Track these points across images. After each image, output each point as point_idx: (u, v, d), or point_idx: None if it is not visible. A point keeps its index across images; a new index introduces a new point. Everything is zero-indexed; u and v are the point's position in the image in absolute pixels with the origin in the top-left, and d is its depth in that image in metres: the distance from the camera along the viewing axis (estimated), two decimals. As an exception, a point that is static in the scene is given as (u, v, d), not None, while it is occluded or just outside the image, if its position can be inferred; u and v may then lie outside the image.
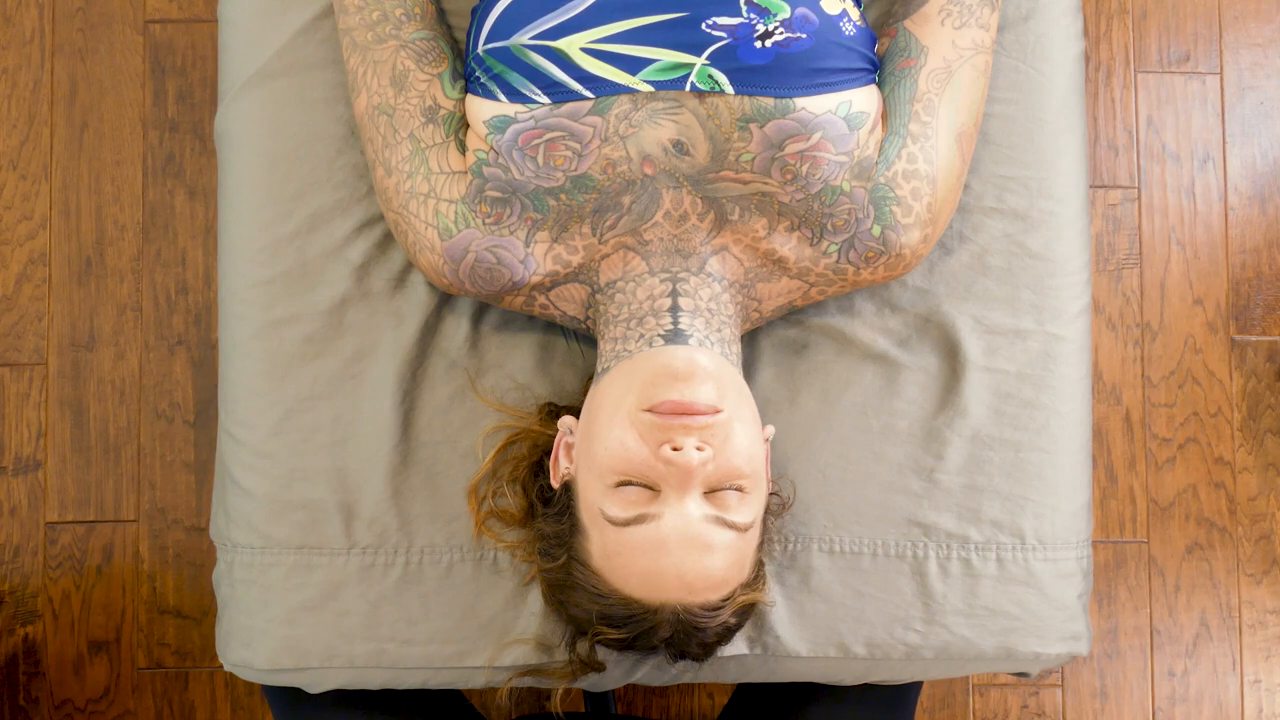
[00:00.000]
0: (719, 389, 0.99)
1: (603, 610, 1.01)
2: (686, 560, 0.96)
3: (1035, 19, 1.19)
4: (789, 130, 1.02)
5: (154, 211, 1.79)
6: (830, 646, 1.17)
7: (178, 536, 1.77)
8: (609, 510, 0.98)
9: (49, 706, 1.77)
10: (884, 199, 1.06)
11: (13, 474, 1.77)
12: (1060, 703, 1.82)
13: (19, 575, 1.78)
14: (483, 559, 1.16)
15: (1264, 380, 1.84)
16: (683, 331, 1.04)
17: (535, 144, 1.03)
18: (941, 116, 1.08)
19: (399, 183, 1.08)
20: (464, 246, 1.07)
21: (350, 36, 1.11)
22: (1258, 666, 1.83)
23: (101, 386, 1.78)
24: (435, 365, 1.18)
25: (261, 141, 1.18)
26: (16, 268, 1.78)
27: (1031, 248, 1.18)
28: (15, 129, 1.79)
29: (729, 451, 0.97)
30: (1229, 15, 1.87)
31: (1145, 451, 1.83)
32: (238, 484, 1.17)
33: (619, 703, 1.78)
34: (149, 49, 1.80)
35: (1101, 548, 1.82)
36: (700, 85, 1.01)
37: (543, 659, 1.15)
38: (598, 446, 0.99)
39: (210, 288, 1.79)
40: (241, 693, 1.78)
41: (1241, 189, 1.86)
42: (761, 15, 1.01)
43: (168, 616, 1.77)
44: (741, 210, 1.05)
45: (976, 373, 1.17)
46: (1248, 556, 1.83)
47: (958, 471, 1.17)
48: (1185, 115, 1.86)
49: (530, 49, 1.03)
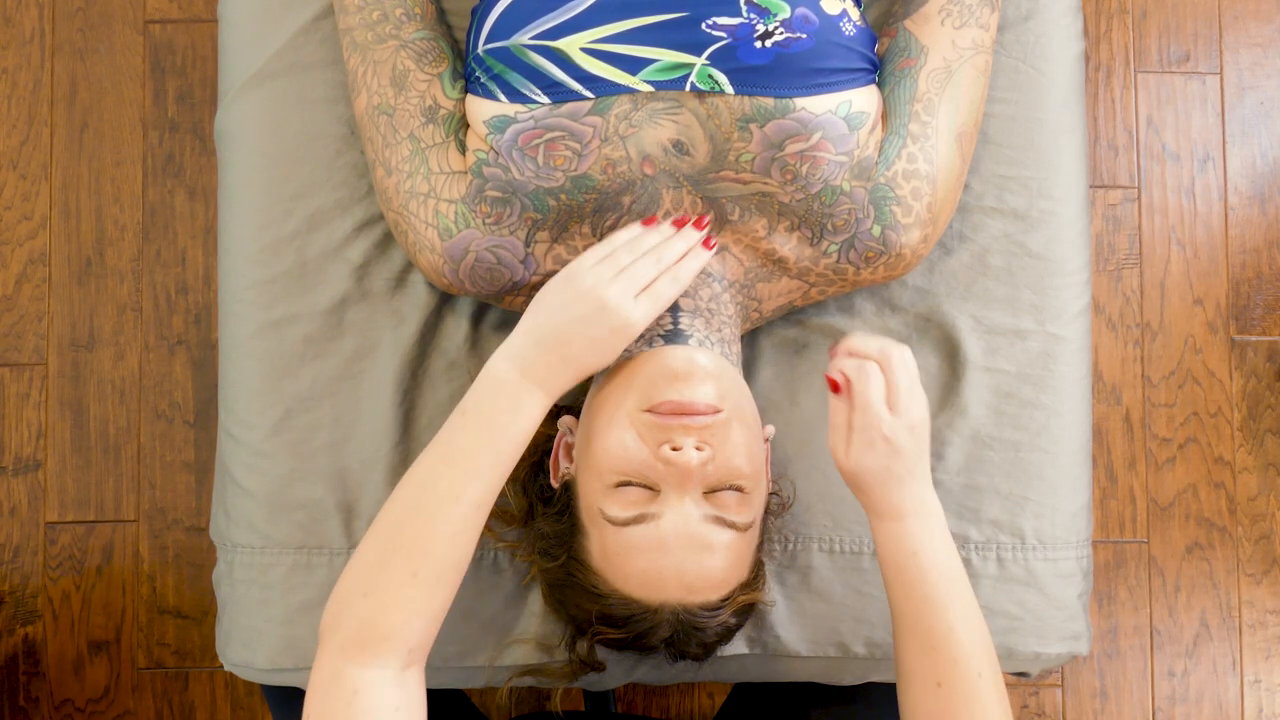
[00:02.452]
0: (719, 389, 0.99)
1: (602, 610, 1.01)
2: (686, 560, 0.96)
3: (1035, 19, 1.19)
4: (789, 130, 1.02)
5: (154, 211, 1.79)
6: (830, 646, 1.17)
7: (178, 536, 1.77)
8: (609, 510, 0.98)
9: (49, 706, 1.77)
10: (884, 199, 1.06)
11: (13, 474, 1.77)
12: (1060, 703, 1.82)
13: (19, 575, 1.78)
14: (483, 559, 1.16)
15: (1264, 380, 1.84)
16: (682, 331, 1.04)
17: (535, 144, 1.03)
18: (941, 116, 1.08)
19: (399, 183, 1.08)
20: (464, 247, 1.07)
21: (350, 36, 1.11)
22: (1258, 666, 1.83)
23: (101, 386, 1.78)
24: (435, 365, 1.18)
25: (261, 141, 1.18)
26: (16, 268, 1.78)
27: (1031, 247, 1.18)
28: (15, 129, 1.79)
29: (728, 451, 0.97)
30: (1229, 15, 1.87)
31: (1145, 451, 1.83)
32: (238, 484, 1.17)
33: (619, 702, 1.78)
34: (149, 49, 1.80)
35: (1101, 548, 1.82)
36: (700, 85, 1.01)
37: (543, 659, 1.15)
38: (597, 446, 0.99)
39: (210, 288, 1.79)
40: (241, 693, 1.78)
41: (1241, 189, 1.86)
42: (761, 15, 1.01)
43: (168, 616, 1.77)
44: (741, 210, 1.05)
45: (976, 373, 1.17)
46: (1248, 556, 1.83)
47: (958, 471, 1.17)
48: (1185, 115, 1.86)
49: (530, 49, 1.03)
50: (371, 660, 0.95)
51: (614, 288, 1.00)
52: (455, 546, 0.98)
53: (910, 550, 0.99)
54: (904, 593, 1.00)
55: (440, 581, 0.98)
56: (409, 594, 0.96)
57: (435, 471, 0.99)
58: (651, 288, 1.01)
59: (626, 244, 1.02)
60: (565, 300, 1.01)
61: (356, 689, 0.94)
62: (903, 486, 0.99)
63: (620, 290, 1.00)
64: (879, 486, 0.99)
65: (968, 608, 0.99)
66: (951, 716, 0.98)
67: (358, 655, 0.95)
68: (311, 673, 0.97)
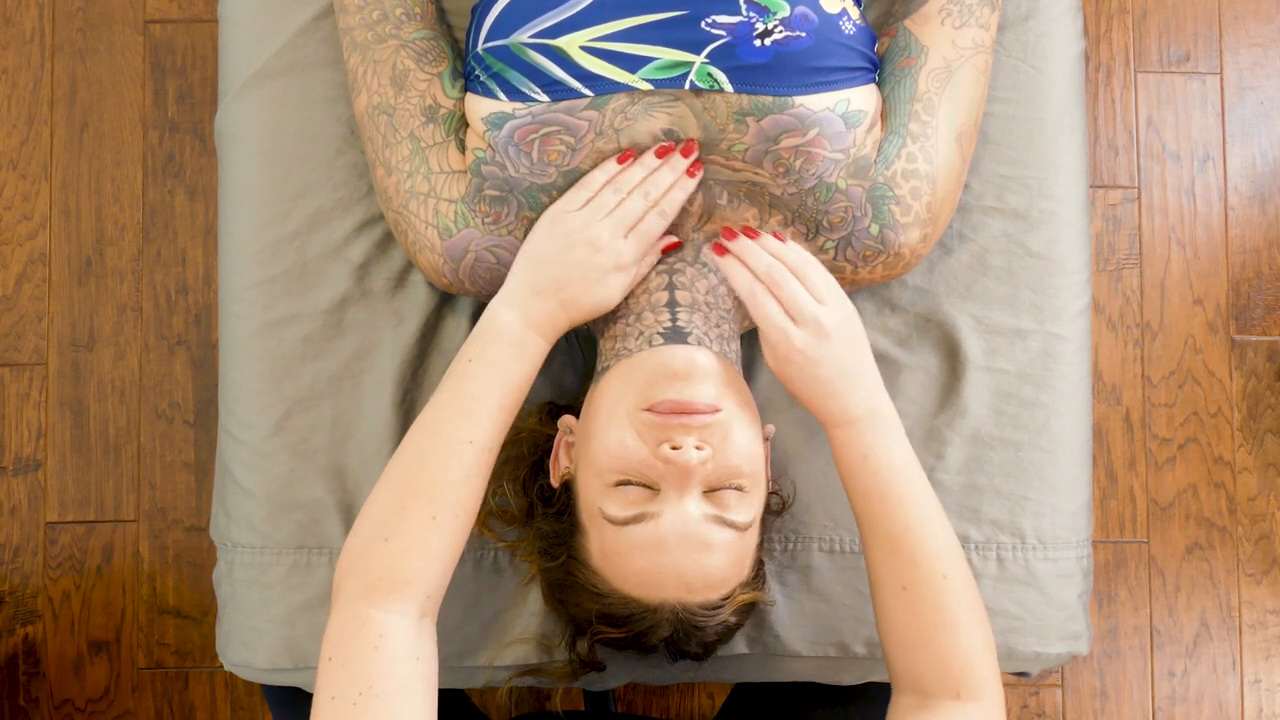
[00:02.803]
0: (718, 388, 0.99)
1: (602, 609, 1.01)
2: (686, 559, 0.96)
3: (1035, 19, 1.19)
4: (785, 125, 1.02)
5: (154, 211, 1.79)
6: (830, 646, 1.17)
7: (178, 536, 1.77)
8: (608, 509, 0.98)
9: (49, 706, 1.77)
10: (882, 198, 1.06)
11: (13, 474, 1.77)
12: (1060, 703, 1.82)
13: (19, 575, 1.78)
14: (483, 559, 1.16)
15: (1264, 380, 1.84)
16: (681, 329, 1.04)
17: (531, 139, 1.03)
18: (941, 116, 1.08)
19: (399, 182, 1.08)
20: (463, 246, 1.07)
21: (350, 36, 1.11)
22: (1258, 666, 1.83)
23: (101, 386, 1.78)
24: (435, 365, 1.18)
25: (261, 141, 1.18)
26: (16, 268, 1.78)
27: (1031, 247, 1.18)
28: (15, 129, 1.79)
29: (728, 450, 0.97)
30: (1229, 15, 1.87)
31: (1145, 451, 1.83)
32: (238, 484, 1.17)
33: (619, 702, 1.78)
34: (149, 49, 1.80)
35: (1101, 548, 1.82)
36: (699, 83, 1.01)
37: (543, 658, 1.15)
38: (597, 445, 0.99)
39: (210, 288, 1.79)
40: (241, 693, 1.78)
41: (1241, 189, 1.86)
42: (761, 14, 1.01)
43: (168, 616, 1.77)
44: (730, 196, 1.05)
45: (976, 372, 1.17)
46: (1248, 556, 1.83)
47: (958, 471, 1.17)
48: (1185, 115, 1.86)
49: (530, 47, 1.03)
50: (396, 605, 0.97)
51: (605, 229, 1.02)
52: (469, 490, 1.00)
53: (860, 454, 1.01)
54: (859, 497, 1.02)
55: (457, 524, 1.00)
56: (430, 537, 0.98)
57: (445, 418, 1.01)
58: (639, 225, 1.03)
59: (612, 184, 1.03)
60: (558, 247, 1.02)
61: (382, 633, 0.95)
62: (842, 393, 1.01)
63: (611, 231, 1.02)
64: (815, 399, 1.01)
65: (925, 508, 1.01)
66: (919, 619, 0.99)
67: (382, 600, 0.96)
68: (330, 617, 0.98)
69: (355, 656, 0.95)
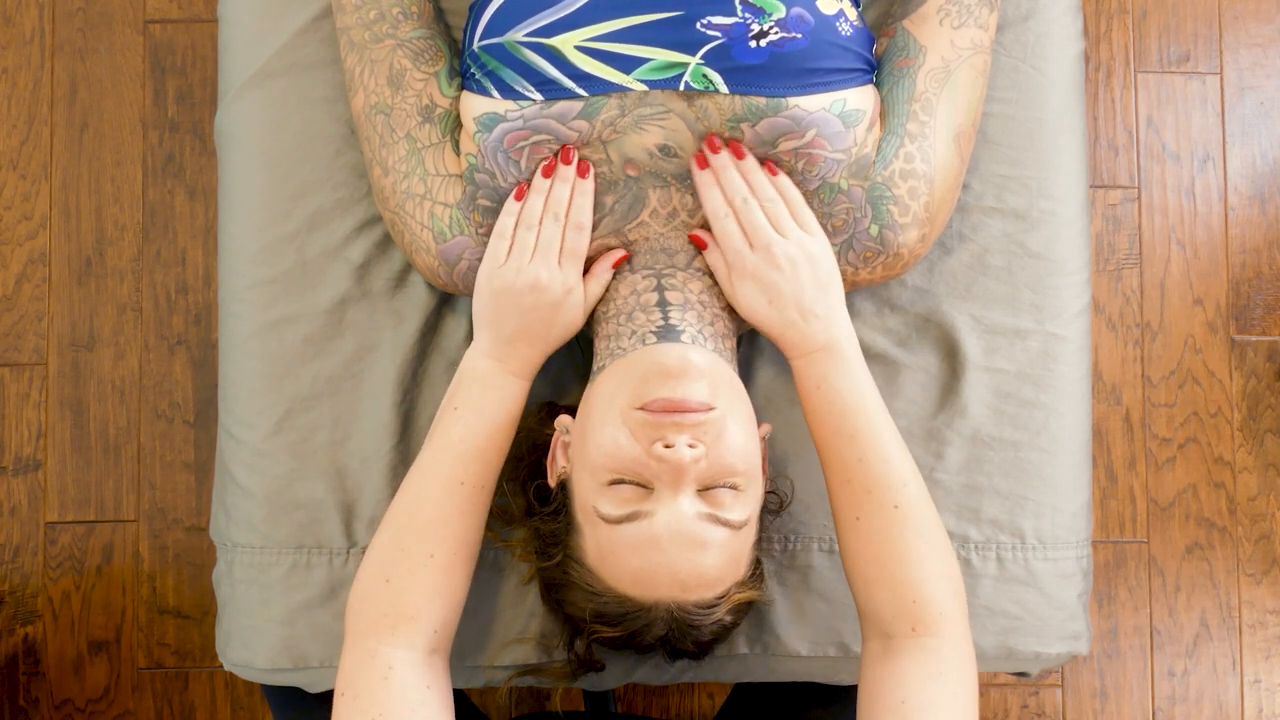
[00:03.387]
0: (712, 386, 0.98)
1: (598, 608, 1.01)
2: (680, 558, 0.96)
3: (1035, 19, 1.19)
4: (782, 128, 1.02)
5: (154, 211, 1.79)
6: (830, 646, 1.17)
7: (178, 536, 1.77)
8: (602, 508, 0.98)
9: (49, 706, 1.77)
10: (881, 198, 1.06)
11: (13, 474, 1.77)
12: (1060, 703, 1.82)
13: (19, 575, 1.78)
14: (483, 559, 1.16)
15: (1264, 380, 1.84)
16: (674, 327, 1.04)
17: (520, 145, 1.03)
18: (939, 116, 1.08)
19: (396, 183, 1.08)
20: (457, 253, 1.08)
21: (347, 35, 1.11)
22: (1258, 666, 1.83)
23: (101, 386, 1.78)
24: (435, 365, 1.18)
25: (261, 141, 1.18)
26: (16, 268, 1.78)
27: (1031, 247, 1.18)
28: (15, 129, 1.79)
29: (722, 449, 0.97)
30: (1229, 15, 1.87)
31: (1145, 451, 1.83)
32: (238, 483, 1.17)
33: (619, 702, 1.78)
34: (149, 49, 1.80)
35: (1101, 548, 1.82)
36: (694, 84, 1.01)
37: (542, 658, 1.15)
38: (591, 444, 0.99)
39: (210, 288, 1.79)
40: (241, 693, 1.79)
41: (1241, 189, 1.86)
42: (756, 15, 1.01)
43: (168, 616, 1.77)
44: None
45: (976, 372, 1.17)
46: (1248, 556, 1.83)
47: (957, 471, 1.17)
48: (1185, 115, 1.86)
49: (524, 45, 1.03)
50: (402, 640, 1.00)
51: (538, 267, 1.04)
52: (464, 527, 1.04)
53: (814, 384, 1.04)
54: (816, 426, 1.04)
55: (456, 561, 1.03)
56: (428, 575, 1.02)
57: (436, 462, 1.04)
58: (565, 249, 1.05)
59: (521, 222, 1.05)
60: (505, 303, 1.05)
61: (390, 665, 0.99)
62: (800, 323, 1.03)
63: (544, 266, 1.04)
64: (774, 327, 1.04)
65: (878, 437, 1.02)
66: (872, 550, 1.01)
67: (389, 636, 1.00)
68: (341, 657, 1.01)
69: (366, 689, 0.98)
